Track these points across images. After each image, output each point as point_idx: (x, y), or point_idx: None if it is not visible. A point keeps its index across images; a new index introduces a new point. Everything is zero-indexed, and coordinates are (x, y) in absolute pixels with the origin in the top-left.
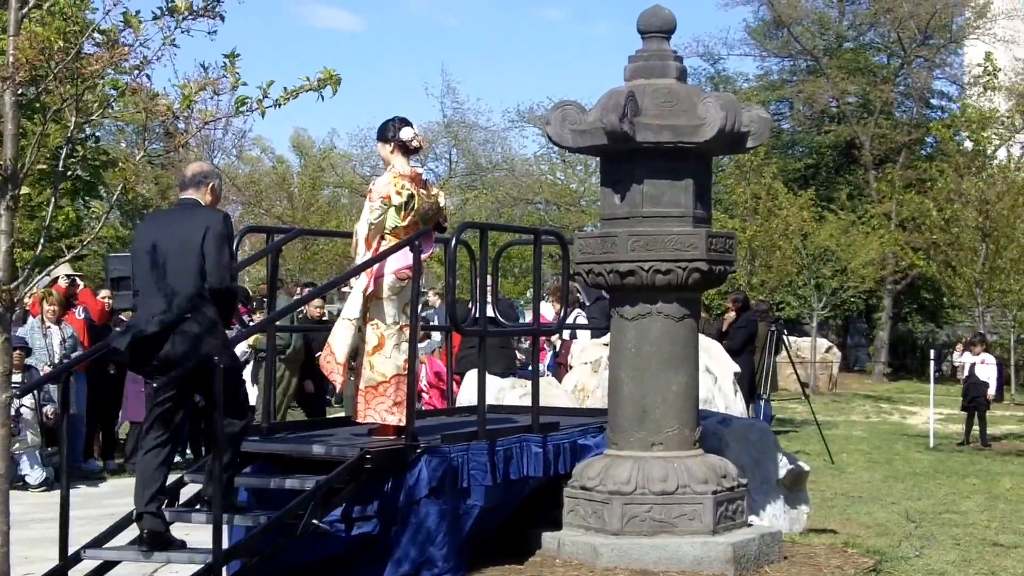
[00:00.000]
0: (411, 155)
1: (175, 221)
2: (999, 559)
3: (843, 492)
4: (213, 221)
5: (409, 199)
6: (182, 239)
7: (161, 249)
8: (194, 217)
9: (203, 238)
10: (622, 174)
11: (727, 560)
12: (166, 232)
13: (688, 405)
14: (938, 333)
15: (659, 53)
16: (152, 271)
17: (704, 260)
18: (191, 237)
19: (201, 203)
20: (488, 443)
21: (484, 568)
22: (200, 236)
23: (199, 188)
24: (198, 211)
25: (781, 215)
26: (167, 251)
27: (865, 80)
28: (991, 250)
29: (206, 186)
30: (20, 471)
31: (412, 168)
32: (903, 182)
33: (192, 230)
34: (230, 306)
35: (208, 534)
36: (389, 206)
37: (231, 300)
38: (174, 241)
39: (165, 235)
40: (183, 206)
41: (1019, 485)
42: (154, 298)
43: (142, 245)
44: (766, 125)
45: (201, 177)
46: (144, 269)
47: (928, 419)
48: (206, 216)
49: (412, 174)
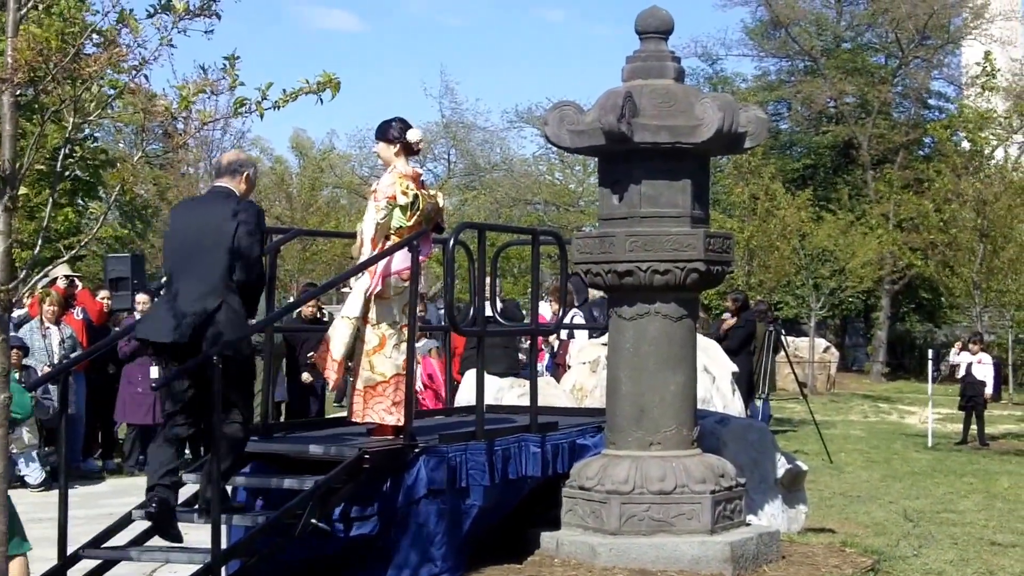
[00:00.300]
0: (412, 156)
1: (209, 209)
2: (997, 558)
3: (841, 491)
4: (248, 214)
5: (415, 200)
6: (215, 228)
7: (194, 237)
8: (228, 208)
9: (235, 230)
10: (620, 174)
11: (725, 559)
12: (200, 219)
13: (686, 405)
14: (936, 333)
15: (657, 54)
16: (184, 258)
17: (702, 260)
18: (224, 227)
19: (235, 192)
20: (486, 443)
21: (483, 568)
22: (233, 228)
23: (234, 177)
24: (231, 201)
25: (779, 215)
26: (200, 239)
27: (863, 80)
28: (989, 250)
29: (241, 175)
30: (19, 471)
31: (413, 168)
32: (901, 182)
33: (224, 220)
34: (255, 299)
35: (207, 534)
36: (394, 206)
37: (257, 293)
38: (207, 229)
39: (198, 222)
40: (217, 194)
41: (1017, 484)
42: (185, 285)
43: (176, 231)
44: (763, 125)
45: (237, 166)
46: (176, 255)
47: (926, 419)
48: (239, 207)
49: (413, 174)
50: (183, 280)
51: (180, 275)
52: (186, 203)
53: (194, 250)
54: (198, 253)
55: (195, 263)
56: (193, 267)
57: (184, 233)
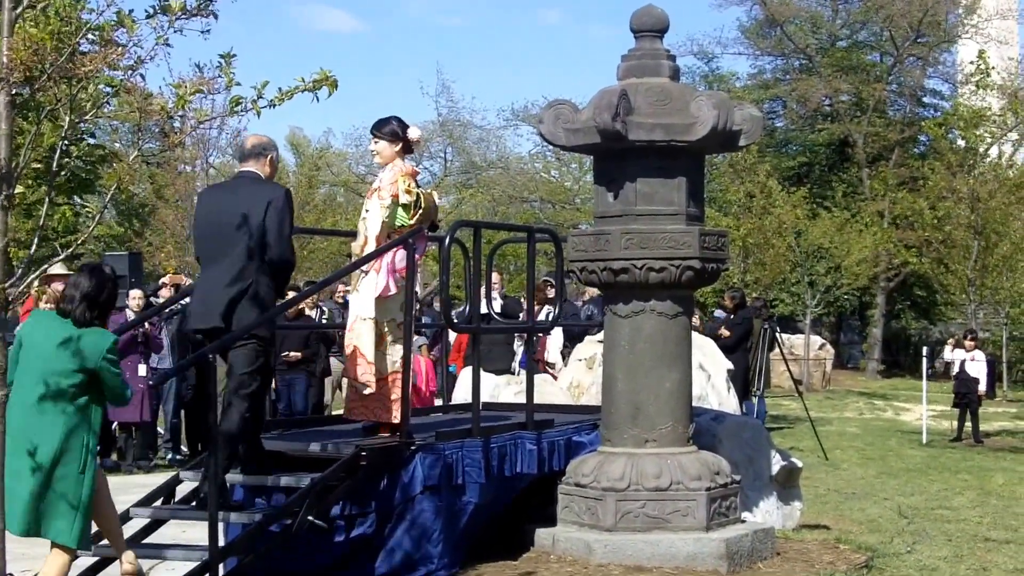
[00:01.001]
0: (408, 154)
1: (236, 194)
2: (990, 555)
3: (836, 488)
4: (275, 195)
5: (418, 198)
6: (244, 212)
7: (223, 221)
8: (256, 190)
9: (265, 212)
10: (615, 172)
11: (720, 556)
12: (227, 205)
13: (681, 402)
14: (931, 330)
15: (652, 52)
16: (214, 244)
17: (697, 258)
18: (253, 210)
19: (261, 175)
20: (483, 440)
21: (479, 564)
22: (262, 209)
23: (258, 160)
24: (259, 184)
25: (775, 213)
26: (228, 223)
27: (858, 78)
28: (983, 247)
29: (265, 158)
30: None
31: (411, 166)
32: (896, 180)
33: (254, 203)
34: (286, 278)
35: (204, 531)
36: (398, 204)
37: (288, 272)
38: (235, 214)
39: (227, 208)
40: (243, 178)
41: (1011, 481)
42: (218, 268)
43: (204, 217)
44: (758, 123)
45: (260, 149)
46: (206, 241)
47: (921, 416)
48: (268, 190)
49: (412, 172)
50: (214, 265)
51: (211, 261)
52: (213, 189)
53: (223, 235)
54: (227, 238)
55: (225, 248)
56: (223, 252)
57: (213, 219)
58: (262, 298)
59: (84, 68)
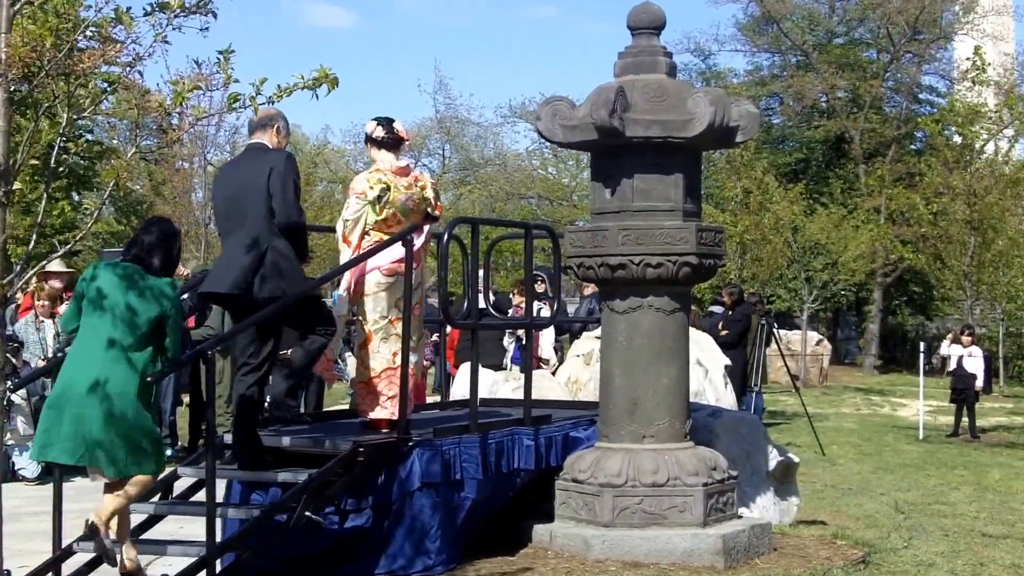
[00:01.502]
0: (389, 149)
1: (246, 165)
2: (987, 550)
3: (833, 484)
4: (276, 161)
5: (382, 192)
6: (250, 181)
7: (235, 194)
8: (260, 159)
9: (268, 178)
10: (612, 169)
11: (717, 552)
12: (238, 177)
13: (679, 398)
14: (928, 326)
15: (649, 49)
16: (229, 217)
17: (694, 254)
18: (258, 179)
19: (268, 145)
20: (480, 436)
21: (477, 560)
22: (266, 177)
23: (265, 130)
24: (263, 153)
25: (772, 209)
26: (240, 195)
27: (854, 75)
28: (979, 243)
29: (271, 128)
30: (16, 466)
31: (394, 164)
32: (892, 176)
33: (258, 172)
34: (301, 240)
35: (202, 527)
36: (365, 202)
37: (301, 234)
38: (246, 185)
39: (238, 180)
40: (251, 149)
41: (1007, 476)
42: (234, 241)
43: (218, 192)
44: (755, 120)
45: (267, 120)
46: (222, 216)
47: (918, 411)
48: (271, 157)
49: (396, 168)
50: (231, 238)
51: (227, 234)
52: (226, 165)
53: (236, 207)
54: (238, 209)
55: (238, 219)
56: (237, 223)
57: (225, 193)
58: (281, 261)
59: (82, 65)
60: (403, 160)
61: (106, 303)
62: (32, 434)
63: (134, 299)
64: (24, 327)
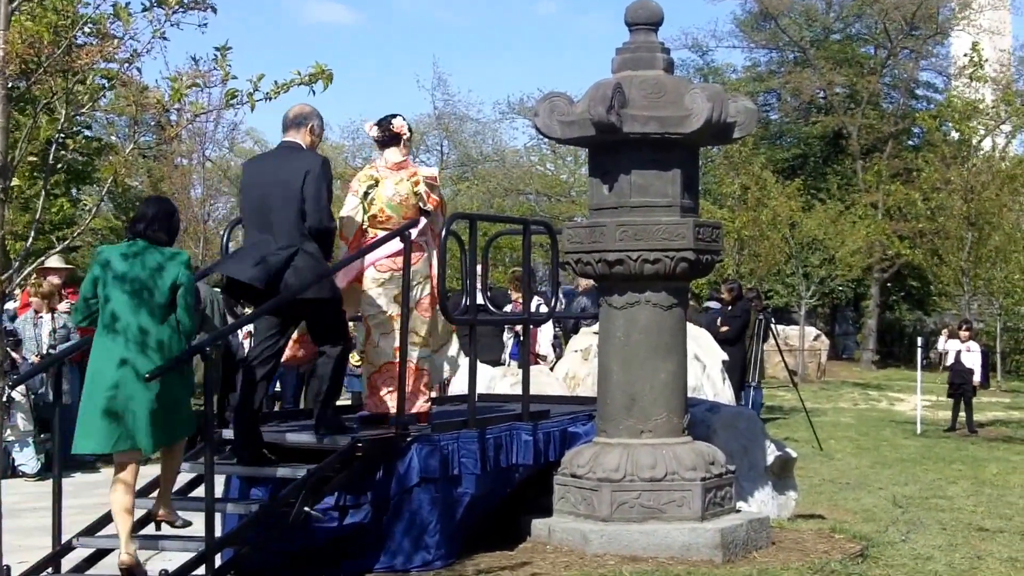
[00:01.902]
0: (388, 146)
1: (279, 163)
2: (984, 543)
3: (831, 478)
4: (312, 164)
5: (368, 189)
6: (284, 181)
7: (266, 191)
8: (295, 160)
9: (303, 180)
10: (610, 165)
11: (715, 546)
12: (270, 174)
13: (676, 393)
14: (925, 321)
15: (647, 45)
16: (258, 213)
17: (692, 249)
18: (292, 179)
19: (302, 145)
20: (478, 431)
21: (475, 555)
22: (300, 178)
23: (299, 129)
24: (298, 154)
25: (770, 205)
26: (271, 193)
27: (852, 71)
28: (976, 238)
29: (306, 127)
30: (16, 462)
31: (392, 160)
32: (890, 172)
33: (293, 172)
34: (329, 243)
35: (200, 522)
36: (358, 199)
37: (329, 238)
38: (277, 183)
39: (269, 177)
40: (284, 147)
41: (1004, 471)
42: (264, 235)
43: (248, 186)
44: (752, 116)
45: (301, 119)
46: (251, 210)
47: (915, 406)
48: (306, 159)
49: (389, 164)
50: (258, 234)
51: (255, 228)
52: (258, 159)
53: (266, 204)
54: (270, 207)
55: (268, 217)
56: (267, 221)
57: (255, 188)
58: (310, 263)
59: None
60: (400, 155)
61: (122, 281)
62: (31, 430)
63: (148, 272)
64: (22, 323)
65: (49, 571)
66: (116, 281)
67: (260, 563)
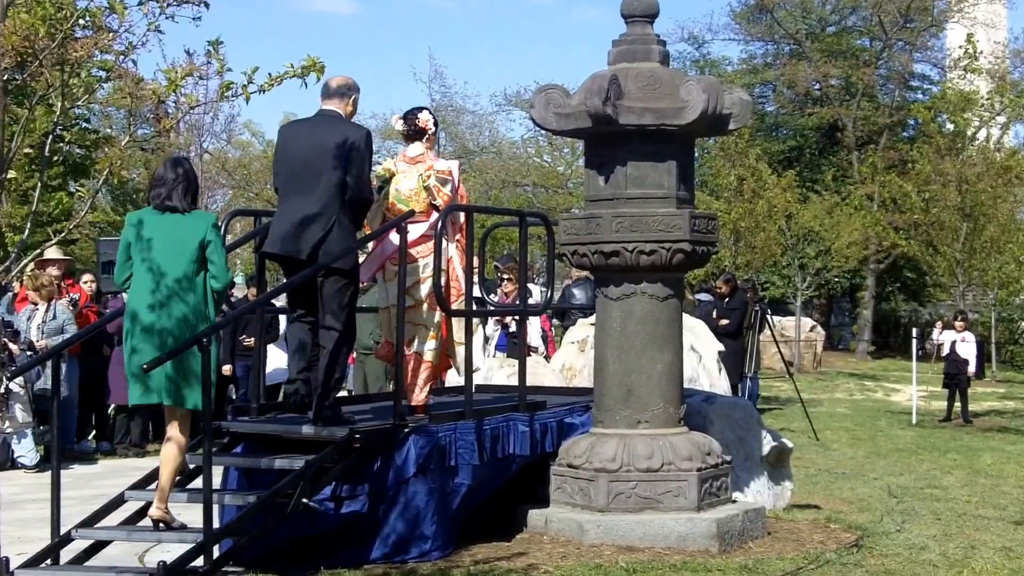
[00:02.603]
0: (413, 139)
1: (319, 130)
2: (979, 533)
3: (826, 468)
4: (357, 136)
5: (383, 183)
6: (327, 149)
7: (305, 157)
8: (337, 128)
9: (348, 150)
10: (606, 156)
11: (711, 536)
12: (310, 141)
13: (673, 383)
14: (920, 312)
15: (642, 37)
16: (296, 178)
17: (688, 241)
18: (335, 148)
19: (342, 114)
20: (475, 422)
21: (472, 545)
22: (344, 148)
23: (342, 99)
24: (340, 123)
25: (765, 197)
26: (310, 160)
27: (847, 63)
28: (971, 229)
29: (348, 98)
30: (15, 453)
31: (410, 154)
32: (885, 163)
33: (335, 142)
34: (362, 215)
35: (199, 513)
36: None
37: (365, 209)
38: (321, 148)
39: (309, 144)
40: (325, 116)
41: (999, 461)
42: (301, 200)
43: (286, 151)
44: (748, 107)
45: (345, 89)
46: (287, 175)
47: (911, 396)
48: (350, 129)
49: (410, 158)
50: (294, 199)
51: (291, 194)
52: (296, 124)
53: (305, 170)
54: (309, 172)
55: (306, 181)
56: (305, 187)
57: (294, 153)
58: (344, 233)
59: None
60: (420, 149)
61: (153, 241)
62: (30, 421)
63: (176, 232)
64: (20, 316)
65: (48, 562)
66: (147, 242)
67: (258, 554)
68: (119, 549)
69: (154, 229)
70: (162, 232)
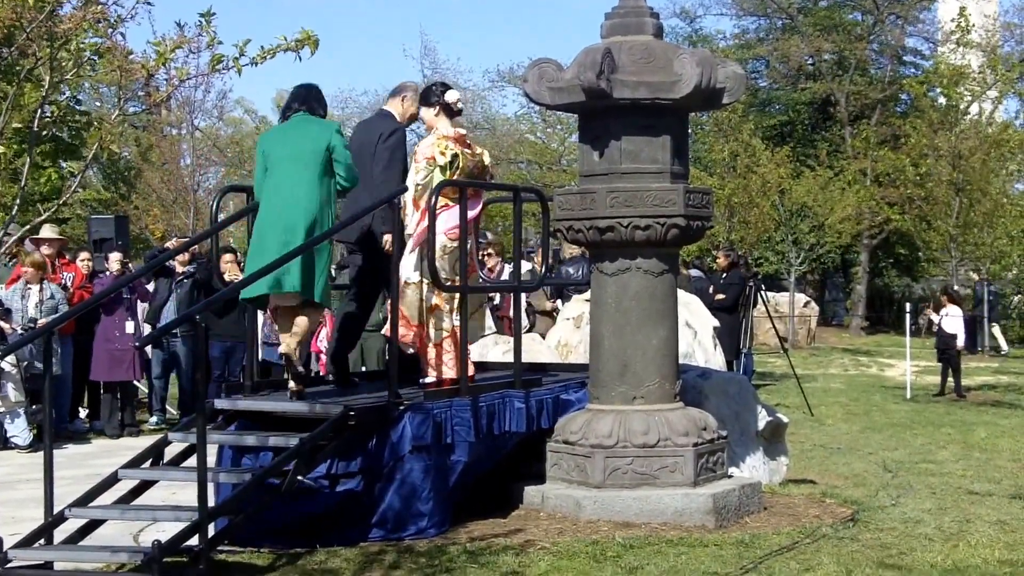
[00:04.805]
0: (454, 117)
1: (371, 127)
2: (973, 507)
3: (822, 443)
4: (385, 129)
5: (453, 159)
6: (365, 144)
7: (359, 150)
8: (378, 125)
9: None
10: (600, 131)
11: (708, 511)
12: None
13: (668, 359)
14: (914, 287)
15: (635, 10)
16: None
17: (682, 216)
18: (372, 143)
19: (393, 113)
20: (471, 399)
21: (468, 522)
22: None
23: (395, 98)
24: (384, 120)
25: (759, 172)
26: (361, 152)
27: (840, 38)
28: (964, 204)
29: (399, 96)
30: (8, 433)
31: (456, 130)
32: (878, 138)
33: (374, 137)
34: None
35: (194, 492)
36: (435, 167)
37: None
38: (361, 145)
39: (362, 139)
40: (379, 114)
41: (993, 435)
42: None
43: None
44: (741, 81)
45: (399, 89)
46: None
47: (905, 371)
48: (385, 125)
49: (456, 135)
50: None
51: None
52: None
53: (359, 163)
54: (362, 165)
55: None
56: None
57: (354, 149)
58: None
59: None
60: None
61: (281, 151)
62: (23, 401)
63: (303, 140)
64: (11, 294)
65: (42, 542)
66: (275, 154)
67: (253, 532)
68: (113, 528)
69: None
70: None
